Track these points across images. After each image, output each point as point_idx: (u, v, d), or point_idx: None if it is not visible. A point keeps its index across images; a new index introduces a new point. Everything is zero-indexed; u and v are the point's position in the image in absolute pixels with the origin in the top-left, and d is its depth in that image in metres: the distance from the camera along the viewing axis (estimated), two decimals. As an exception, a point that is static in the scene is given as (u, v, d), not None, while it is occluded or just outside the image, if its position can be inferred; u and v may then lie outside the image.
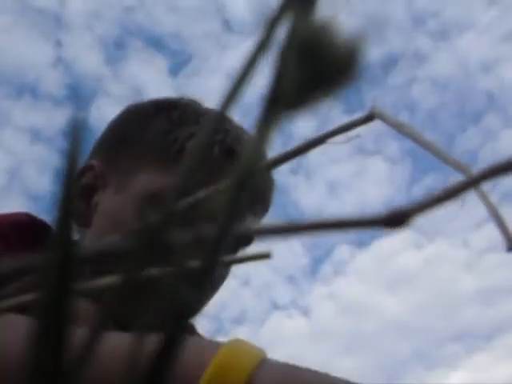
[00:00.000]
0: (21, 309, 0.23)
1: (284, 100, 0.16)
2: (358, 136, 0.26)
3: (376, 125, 0.26)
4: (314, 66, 0.16)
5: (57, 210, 0.16)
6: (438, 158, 0.24)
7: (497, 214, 0.20)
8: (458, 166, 0.22)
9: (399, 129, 0.25)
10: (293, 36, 0.15)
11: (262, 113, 0.16)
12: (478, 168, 0.18)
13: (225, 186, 0.15)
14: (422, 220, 0.18)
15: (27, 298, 0.23)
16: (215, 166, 0.63)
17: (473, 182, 0.18)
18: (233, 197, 0.16)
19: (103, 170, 0.76)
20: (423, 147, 0.24)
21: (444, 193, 0.18)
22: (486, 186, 0.21)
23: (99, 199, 0.75)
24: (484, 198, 0.21)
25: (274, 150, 0.16)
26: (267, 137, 0.15)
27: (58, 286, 0.15)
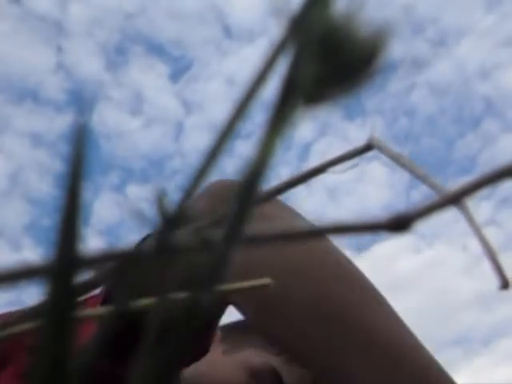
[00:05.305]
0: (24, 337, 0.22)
1: (301, 94, 0.15)
2: (356, 165, 0.26)
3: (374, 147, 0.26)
4: (333, 60, 0.15)
5: (61, 215, 0.16)
6: (434, 191, 0.24)
7: (493, 255, 0.20)
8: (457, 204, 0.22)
9: (396, 160, 0.25)
10: (312, 28, 0.15)
11: (275, 107, 0.15)
12: (478, 172, 0.18)
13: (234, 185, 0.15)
14: (420, 224, 0.18)
15: (29, 325, 0.22)
16: None
17: (473, 187, 0.18)
18: (241, 196, 0.15)
19: None
20: (420, 180, 0.25)
21: (446, 197, 0.18)
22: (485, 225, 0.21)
23: None
24: (485, 244, 0.21)
25: (276, 153, 0.16)
26: (280, 133, 0.15)
27: (61, 288, 0.15)
